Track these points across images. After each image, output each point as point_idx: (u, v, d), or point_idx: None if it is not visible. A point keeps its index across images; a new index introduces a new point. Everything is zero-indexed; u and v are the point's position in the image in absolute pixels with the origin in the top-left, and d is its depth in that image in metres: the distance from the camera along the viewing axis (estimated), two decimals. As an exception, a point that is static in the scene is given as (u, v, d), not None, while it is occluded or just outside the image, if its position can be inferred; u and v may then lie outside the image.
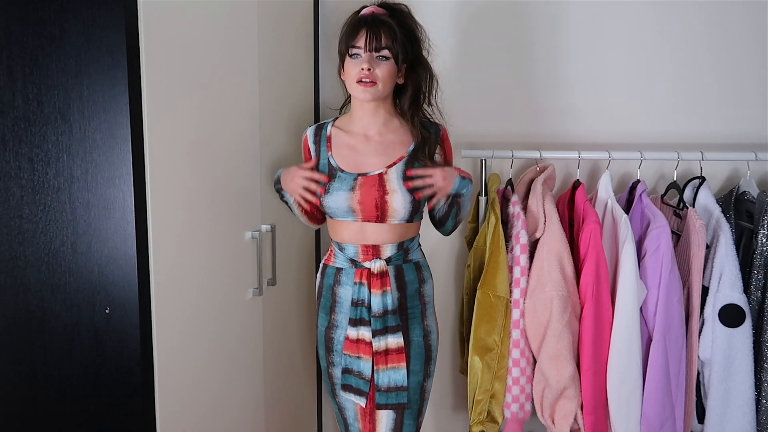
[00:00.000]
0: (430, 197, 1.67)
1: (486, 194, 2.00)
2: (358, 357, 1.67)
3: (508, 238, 1.90)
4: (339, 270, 1.71)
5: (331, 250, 1.75)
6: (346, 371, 1.69)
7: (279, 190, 1.75)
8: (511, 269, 1.86)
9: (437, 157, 1.71)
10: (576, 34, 2.11)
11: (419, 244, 1.77)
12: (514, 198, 1.92)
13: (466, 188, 1.69)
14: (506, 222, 1.95)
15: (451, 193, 1.67)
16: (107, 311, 1.27)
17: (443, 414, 2.33)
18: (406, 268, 1.70)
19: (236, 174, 1.60)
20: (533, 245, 1.86)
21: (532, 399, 1.88)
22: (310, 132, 1.76)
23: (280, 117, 1.84)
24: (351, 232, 1.68)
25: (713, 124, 2.11)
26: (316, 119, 2.11)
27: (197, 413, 1.48)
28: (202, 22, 1.43)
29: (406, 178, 1.64)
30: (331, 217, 1.70)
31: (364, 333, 1.66)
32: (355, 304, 1.67)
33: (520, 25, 2.12)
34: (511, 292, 1.85)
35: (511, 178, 2.00)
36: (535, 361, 1.86)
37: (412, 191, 1.63)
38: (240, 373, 1.67)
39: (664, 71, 2.10)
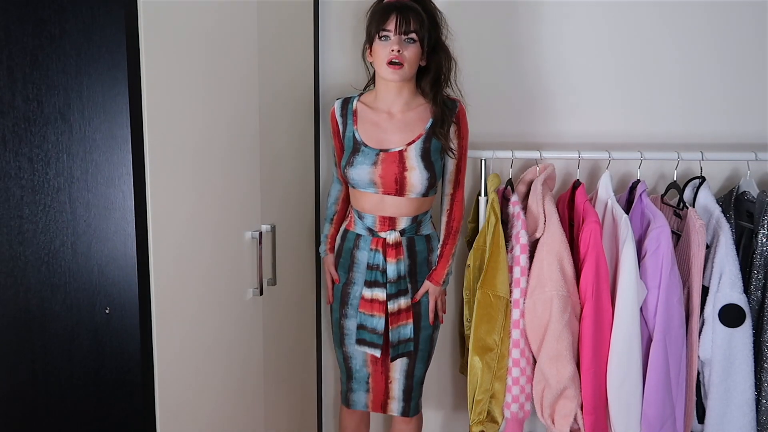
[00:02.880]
0: (440, 166, 1.86)
1: (486, 194, 2.00)
2: (372, 315, 1.86)
3: (508, 238, 1.90)
4: (358, 236, 1.90)
5: (352, 217, 1.93)
6: (360, 327, 1.89)
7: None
8: (511, 269, 1.86)
9: (452, 132, 1.84)
10: (576, 34, 2.11)
11: (431, 217, 1.95)
12: (514, 198, 1.92)
13: (450, 275, 1.95)
14: (506, 222, 1.95)
15: (444, 287, 1.95)
16: (107, 311, 1.27)
17: (443, 414, 2.33)
18: (417, 240, 1.89)
19: (236, 174, 1.60)
20: (533, 245, 1.86)
21: (532, 399, 1.88)
22: (337, 105, 1.92)
23: (280, 116, 1.84)
24: (371, 203, 1.86)
25: (713, 124, 2.11)
26: (316, 118, 2.11)
27: (197, 413, 1.48)
28: (202, 22, 1.43)
29: (424, 156, 1.81)
30: (353, 187, 1.87)
31: (378, 294, 1.85)
32: (371, 267, 1.86)
33: (521, 25, 2.12)
34: (511, 292, 1.85)
35: (511, 178, 2.00)
36: (535, 361, 1.86)
37: (429, 168, 1.80)
38: (240, 373, 1.67)
39: (665, 71, 2.10)
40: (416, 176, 1.79)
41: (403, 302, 1.86)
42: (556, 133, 2.14)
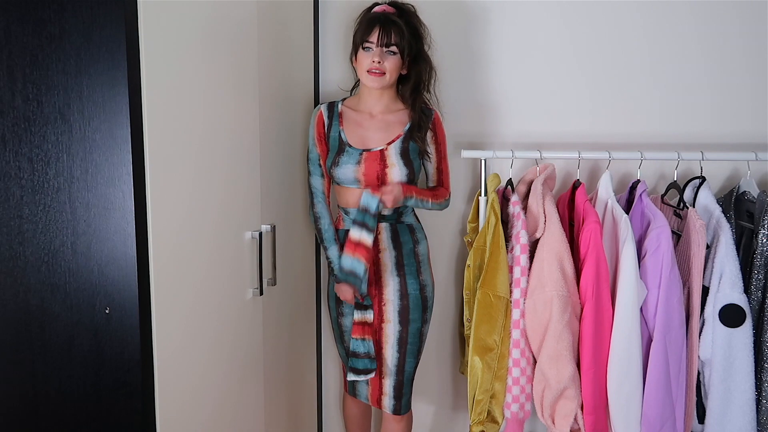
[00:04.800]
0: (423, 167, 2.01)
1: (486, 194, 2.00)
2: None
3: (508, 238, 1.90)
4: (346, 232, 1.94)
5: (340, 216, 2.03)
6: (356, 323, 1.93)
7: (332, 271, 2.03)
8: (511, 269, 1.86)
9: (429, 136, 1.96)
10: (576, 34, 2.11)
11: (413, 210, 2.04)
12: (514, 198, 1.92)
13: (406, 202, 1.93)
14: (506, 222, 1.95)
15: (400, 203, 1.93)
16: (107, 311, 1.27)
17: (443, 414, 2.33)
18: (401, 229, 1.98)
19: (236, 174, 1.60)
20: (533, 245, 1.86)
21: (533, 399, 1.88)
22: (324, 108, 2.00)
23: (280, 116, 1.84)
24: (356, 197, 1.94)
25: (713, 124, 2.11)
26: (316, 119, 2.11)
27: (197, 413, 1.48)
28: (202, 22, 1.43)
29: (403, 154, 1.93)
30: (338, 184, 1.97)
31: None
32: None
33: (521, 25, 2.12)
34: (511, 292, 1.85)
35: (511, 178, 2.00)
36: (535, 361, 1.86)
37: (408, 165, 1.92)
38: (240, 373, 1.66)
39: (665, 71, 2.10)
40: (396, 172, 1.91)
41: (369, 316, 1.93)
42: (556, 133, 2.14)
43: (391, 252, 1.96)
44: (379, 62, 1.85)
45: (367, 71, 1.87)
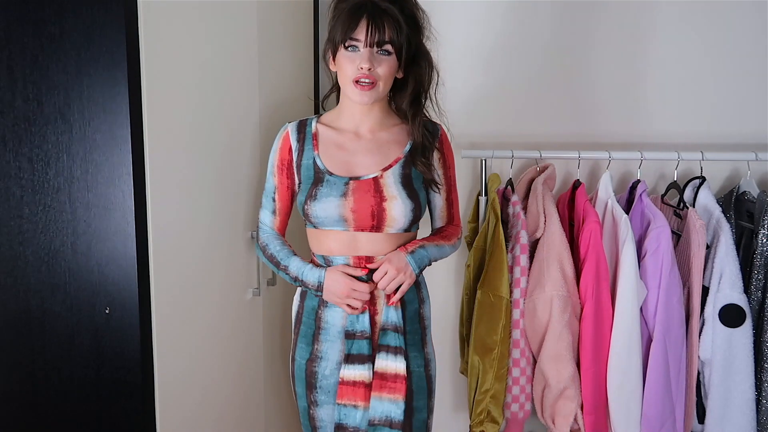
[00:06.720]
0: (430, 195, 1.58)
1: (486, 194, 2.00)
2: (355, 405, 1.45)
3: (508, 238, 1.90)
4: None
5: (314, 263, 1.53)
6: (339, 428, 1.46)
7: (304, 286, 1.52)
8: (511, 269, 1.86)
9: (435, 158, 1.56)
10: (575, 34, 2.10)
11: None
12: (514, 198, 1.92)
13: (426, 257, 1.50)
14: (506, 222, 1.95)
15: (416, 272, 1.48)
16: (107, 311, 1.27)
17: (443, 414, 2.33)
18: None
19: (236, 174, 1.60)
20: (533, 245, 1.86)
21: (532, 399, 1.88)
22: (291, 128, 1.54)
23: (280, 117, 1.84)
24: (340, 243, 1.48)
25: (713, 124, 2.11)
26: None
27: (197, 413, 1.48)
28: (202, 22, 1.43)
29: (405, 183, 1.47)
30: (315, 226, 1.50)
31: (364, 373, 1.44)
32: (351, 336, 1.47)
33: (521, 25, 2.12)
34: (511, 292, 1.85)
35: (511, 178, 2.00)
36: (535, 361, 1.86)
37: (413, 197, 1.47)
38: (240, 373, 1.67)
39: (665, 71, 2.10)
40: (398, 207, 1.45)
41: (392, 365, 1.44)
42: (556, 133, 2.14)
43: (392, 313, 1.48)
44: (370, 68, 1.39)
45: (354, 81, 1.41)
